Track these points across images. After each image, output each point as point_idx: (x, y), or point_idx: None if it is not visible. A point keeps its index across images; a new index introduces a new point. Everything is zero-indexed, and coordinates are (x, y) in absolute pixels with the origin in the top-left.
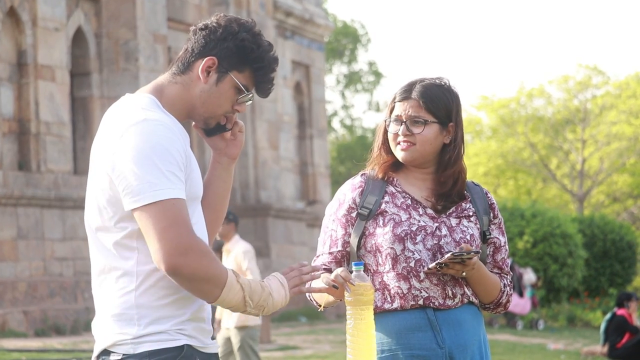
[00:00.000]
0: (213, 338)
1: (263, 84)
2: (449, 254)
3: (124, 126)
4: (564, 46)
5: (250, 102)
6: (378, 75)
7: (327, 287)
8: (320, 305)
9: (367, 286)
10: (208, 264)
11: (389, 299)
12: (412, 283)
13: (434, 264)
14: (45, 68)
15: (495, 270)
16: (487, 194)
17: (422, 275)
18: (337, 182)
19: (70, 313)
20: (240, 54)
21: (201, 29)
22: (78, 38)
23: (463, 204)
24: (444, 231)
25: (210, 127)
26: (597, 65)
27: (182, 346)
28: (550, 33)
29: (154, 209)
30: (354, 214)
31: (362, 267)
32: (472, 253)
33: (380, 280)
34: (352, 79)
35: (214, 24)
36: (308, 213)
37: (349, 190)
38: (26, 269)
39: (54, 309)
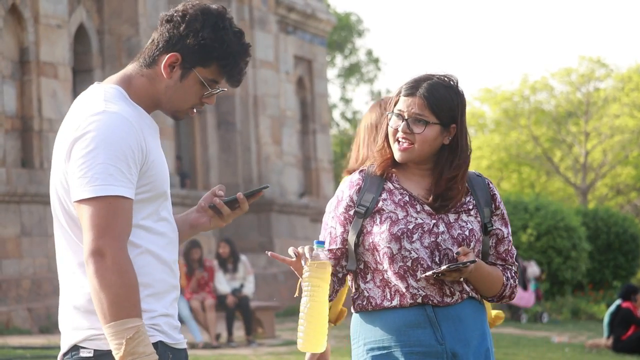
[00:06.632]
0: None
1: (232, 77)
2: (444, 267)
3: (82, 117)
4: (567, 39)
5: (224, 90)
6: (376, 62)
7: (289, 258)
8: None
9: (324, 264)
10: (116, 279)
11: (388, 296)
12: (409, 282)
13: (430, 272)
14: (47, 65)
15: (499, 262)
16: (489, 185)
17: (418, 274)
18: (339, 176)
19: None
20: (203, 52)
21: (167, 21)
22: (80, 35)
23: (463, 198)
24: (442, 228)
25: (179, 119)
26: (600, 57)
27: (156, 343)
28: (554, 25)
29: (90, 203)
30: (351, 212)
31: (322, 245)
32: (468, 263)
33: (381, 278)
34: (351, 71)
35: (179, 17)
36: (312, 208)
37: (347, 188)
38: (30, 266)
39: (58, 306)
